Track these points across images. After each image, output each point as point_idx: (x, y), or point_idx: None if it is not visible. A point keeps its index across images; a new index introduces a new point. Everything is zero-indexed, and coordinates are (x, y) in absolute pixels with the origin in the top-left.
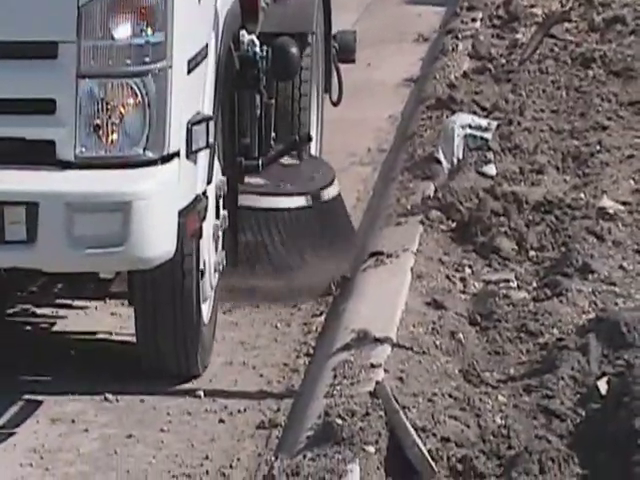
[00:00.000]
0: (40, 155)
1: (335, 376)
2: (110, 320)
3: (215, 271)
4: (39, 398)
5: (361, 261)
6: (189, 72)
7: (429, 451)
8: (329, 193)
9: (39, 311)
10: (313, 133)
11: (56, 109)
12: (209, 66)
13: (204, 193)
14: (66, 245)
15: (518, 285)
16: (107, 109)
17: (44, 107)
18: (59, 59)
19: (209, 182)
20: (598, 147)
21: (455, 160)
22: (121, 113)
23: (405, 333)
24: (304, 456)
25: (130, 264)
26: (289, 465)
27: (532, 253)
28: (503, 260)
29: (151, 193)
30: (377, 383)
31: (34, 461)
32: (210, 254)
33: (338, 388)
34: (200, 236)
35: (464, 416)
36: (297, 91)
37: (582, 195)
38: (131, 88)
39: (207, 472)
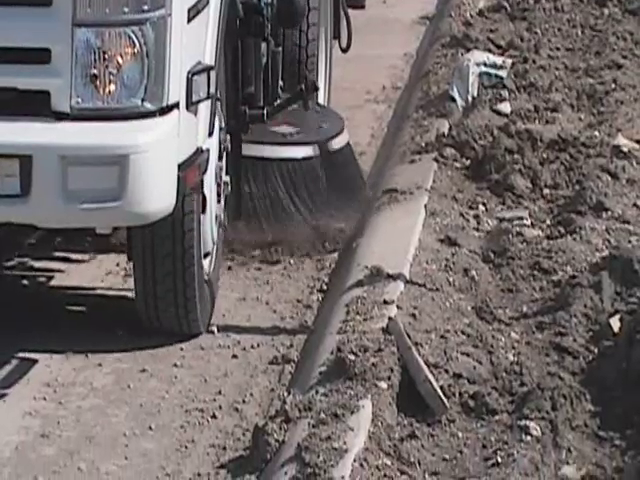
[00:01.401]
0: (34, 106)
1: (348, 312)
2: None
3: (217, 224)
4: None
5: (375, 198)
6: (189, 20)
7: (441, 387)
8: (338, 143)
9: (37, 264)
10: (322, 80)
11: (51, 59)
12: (211, 14)
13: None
14: (60, 200)
15: (532, 223)
16: (104, 59)
17: (38, 56)
18: (54, 6)
19: (210, 134)
20: (613, 85)
21: (470, 98)
22: (119, 63)
23: (418, 270)
24: (316, 392)
25: (127, 220)
26: (301, 400)
27: (546, 191)
28: (517, 198)
29: (149, 146)
30: (390, 319)
31: (47, 395)
32: (212, 207)
33: (351, 324)
34: (201, 190)
35: (476, 353)
36: (305, 37)
37: (596, 133)
38: (129, 37)
39: (220, 407)
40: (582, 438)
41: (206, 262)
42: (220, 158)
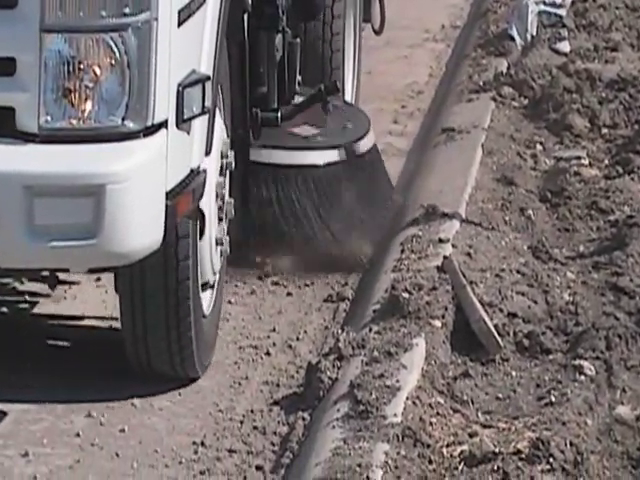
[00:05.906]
0: None
1: (403, 250)
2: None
3: (218, 251)
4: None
5: (432, 137)
6: (180, 24)
7: (495, 326)
8: (363, 145)
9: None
10: (349, 75)
11: (16, 69)
12: (208, 14)
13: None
14: (26, 237)
15: (589, 162)
16: (78, 70)
17: (1, 67)
18: (19, 8)
19: (207, 153)
20: None
21: (529, 37)
22: (95, 75)
23: (474, 209)
24: (370, 329)
25: (104, 260)
26: (355, 338)
27: (604, 130)
28: (575, 137)
29: (130, 173)
30: (445, 258)
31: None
32: (211, 230)
33: (406, 262)
34: (198, 217)
35: (532, 292)
36: (329, 30)
37: None
38: (107, 45)
39: (274, 344)
40: (637, 378)
41: (205, 295)
42: (222, 174)
